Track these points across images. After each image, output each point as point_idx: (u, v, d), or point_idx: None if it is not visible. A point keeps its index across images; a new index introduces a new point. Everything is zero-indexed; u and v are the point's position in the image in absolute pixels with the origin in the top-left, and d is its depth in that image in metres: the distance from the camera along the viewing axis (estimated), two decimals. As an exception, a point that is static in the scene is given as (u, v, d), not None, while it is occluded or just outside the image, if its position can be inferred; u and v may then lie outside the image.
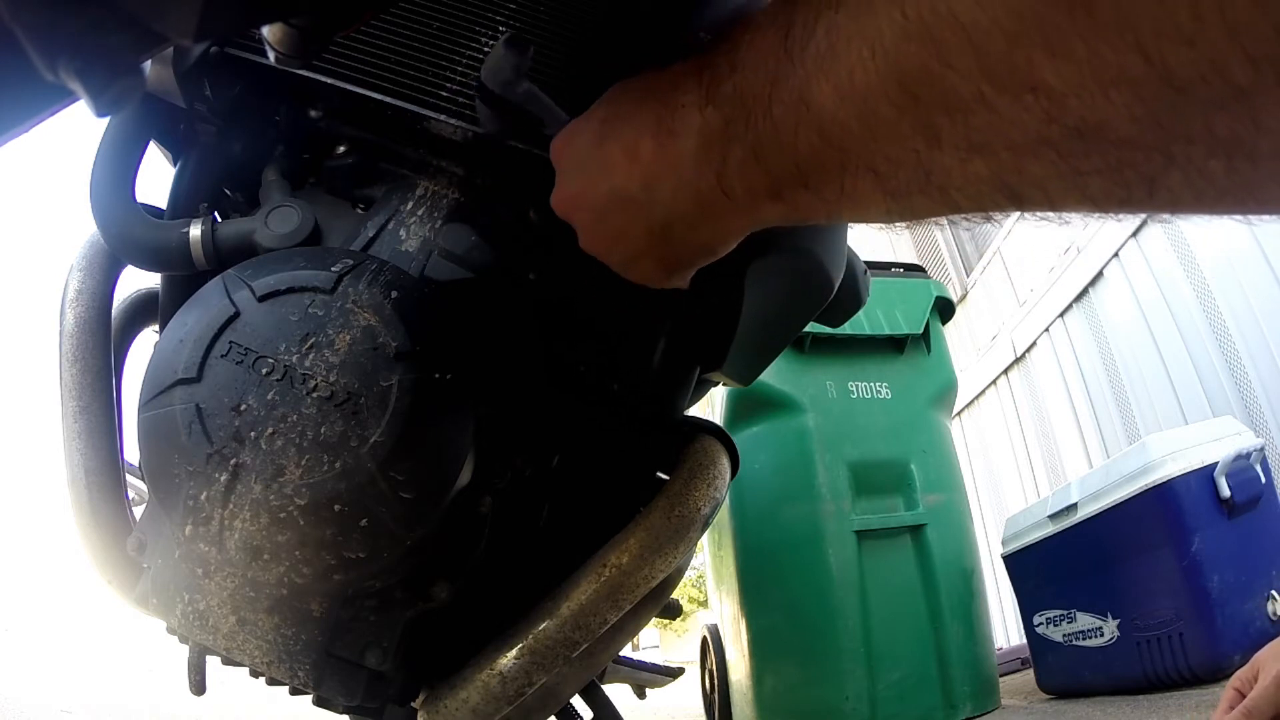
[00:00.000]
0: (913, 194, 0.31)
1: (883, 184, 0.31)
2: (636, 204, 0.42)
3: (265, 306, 0.48)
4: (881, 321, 2.19)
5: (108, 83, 0.25)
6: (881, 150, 0.30)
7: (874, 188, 0.32)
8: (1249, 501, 1.76)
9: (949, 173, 0.28)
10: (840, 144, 0.31)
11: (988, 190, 0.28)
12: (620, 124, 0.42)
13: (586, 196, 0.45)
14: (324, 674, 0.48)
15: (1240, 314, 2.63)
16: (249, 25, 0.41)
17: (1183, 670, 1.68)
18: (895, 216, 0.34)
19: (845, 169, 0.32)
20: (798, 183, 0.35)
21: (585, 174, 0.44)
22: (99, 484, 0.61)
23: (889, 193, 0.31)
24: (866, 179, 0.32)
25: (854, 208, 0.34)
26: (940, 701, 1.91)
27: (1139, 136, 0.23)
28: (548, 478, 0.58)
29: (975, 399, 4.49)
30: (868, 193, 0.32)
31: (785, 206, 0.37)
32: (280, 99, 0.60)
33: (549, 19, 0.58)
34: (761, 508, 2.09)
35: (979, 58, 0.24)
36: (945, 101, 0.26)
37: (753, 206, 0.38)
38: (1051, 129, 0.25)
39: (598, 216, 0.45)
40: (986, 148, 0.27)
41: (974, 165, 0.27)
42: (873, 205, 0.33)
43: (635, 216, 0.43)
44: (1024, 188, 0.27)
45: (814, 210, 0.36)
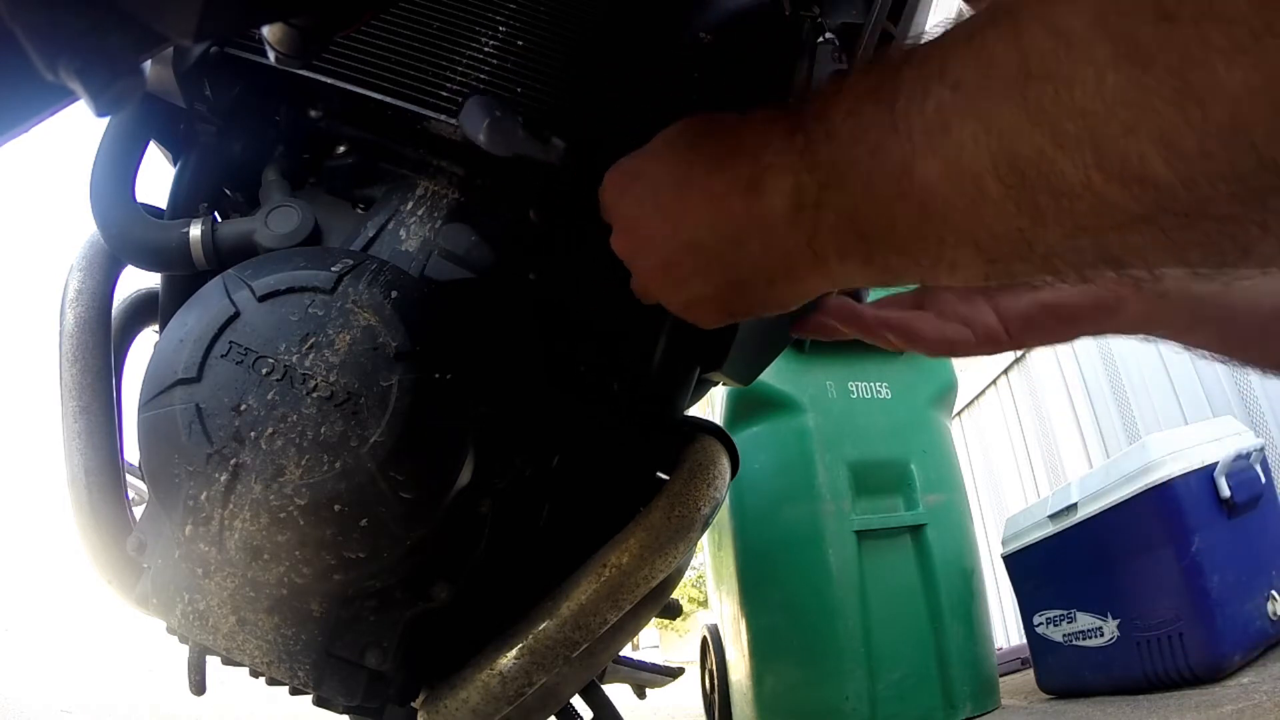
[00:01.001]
0: (1013, 261, 0.31)
1: (983, 254, 0.32)
2: (716, 257, 0.42)
3: (265, 306, 0.48)
4: (881, 321, 2.19)
5: (108, 83, 0.25)
6: (985, 225, 0.31)
7: (974, 258, 0.32)
8: (1249, 501, 1.76)
9: (1052, 246, 0.29)
10: (943, 217, 0.32)
11: (1090, 260, 0.29)
12: (703, 173, 0.42)
13: (657, 243, 0.44)
14: (324, 674, 0.48)
15: (1240, 314, 2.63)
16: (249, 25, 0.41)
17: (1183, 670, 1.68)
18: (993, 280, 0.34)
19: (944, 242, 0.33)
20: (892, 249, 0.35)
21: (657, 220, 0.44)
22: (99, 484, 0.61)
23: (988, 260, 0.32)
24: (967, 250, 0.32)
25: (950, 274, 0.34)
26: (940, 701, 1.91)
27: (1241, 214, 0.24)
28: (548, 478, 0.58)
29: (975, 399, 4.49)
30: (968, 262, 0.33)
31: (876, 270, 0.37)
32: (280, 99, 0.60)
33: (549, 19, 0.58)
34: (761, 508, 2.09)
35: (1094, 146, 0.25)
36: (1052, 185, 0.27)
37: (842, 270, 0.38)
38: (1158, 216, 0.26)
39: (666, 263, 0.45)
40: (1092, 229, 0.27)
41: (1078, 241, 0.28)
42: (970, 271, 0.33)
43: (712, 268, 0.43)
44: (1126, 257, 0.28)
45: (905, 274, 0.37)
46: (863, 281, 0.39)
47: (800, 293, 0.43)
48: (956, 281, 0.36)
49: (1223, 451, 1.77)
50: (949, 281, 0.36)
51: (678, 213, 0.43)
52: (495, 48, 0.57)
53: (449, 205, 0.59)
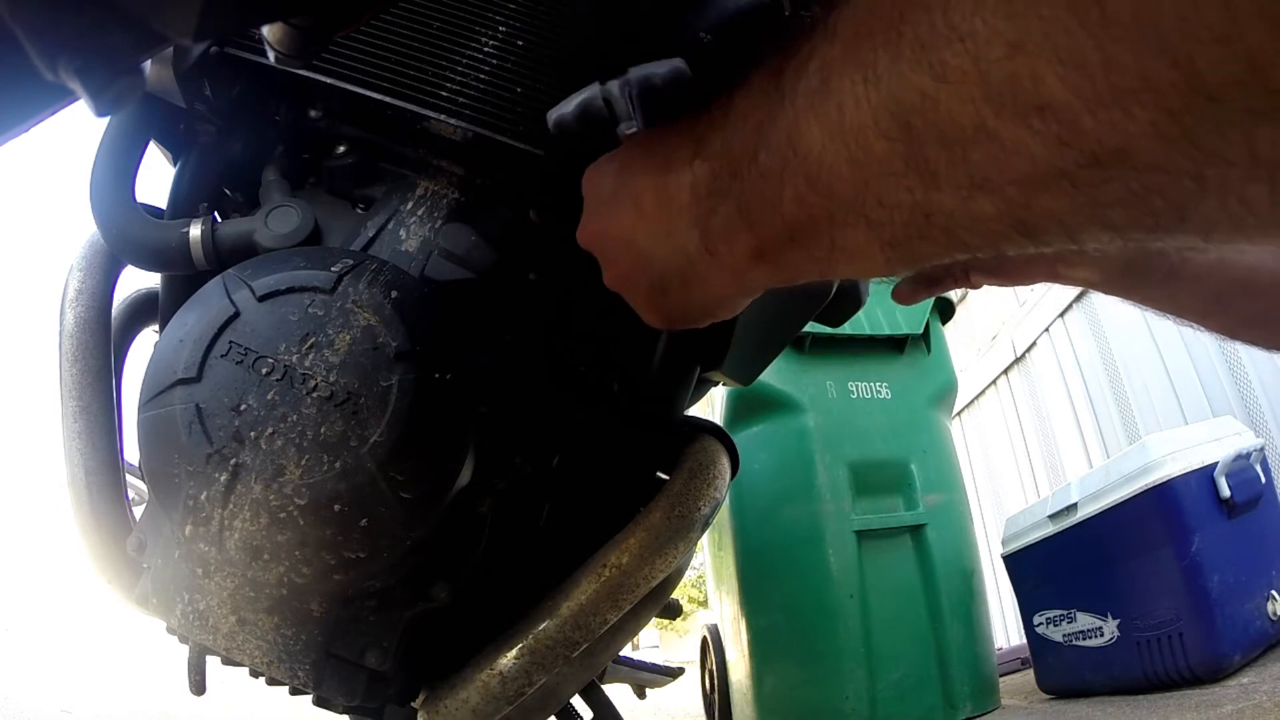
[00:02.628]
0: (912, 240, 0.28)
1: (877, 233, 0.29)
2: (644, 255, 0.41)
3: (265, 306, 0.48)
4: (881, 321, 2.19)
5: (108, 82, 0.25)
6: (873, 193, 0.28)
7: (868, 238, 0.29)
8: (1249, 501, 1.76)
9: (951, 214, 0.26)
10: (829, 189, 0.29)
11: (997, 229, 0.25)
12: (631, 173, 0.42)
13: (604, 237, 0.44)
14: (324, 674, 0.48)
15: (1240, 314, 2.63)
16: (249, 25, 0.41)
17: (1183, 670, 1.68)
18: (898, 266, 0.31)
19: (834, 220, 0.30)
20: (784, 239, 0.33)
21: (602, 216, 0.44)
22: (99, 484, 0.61)
23: (885, 242, 0.29)
24: (858, 229, 0.29)
25: (848, 262, 0.32)
26: (940, 701, 1.91)
27: (1167, 160, 0.20)
28: (548, 478, 0.58)
29: (975, 399, 4.49)
30: (861, 245, 0.30)
31: (770, 267, 0.35)
32: (280, 99, 0.60)
33: (548, 19, 0.58)
34: (761, 508, 2.09)
35: (980, 76, 0.22)
36: (941, 132, 0.24)
37: (737, 268, 0.36)
38: (1065, 157, 0.22)
39: (611, 259, 0.44)
40: (990, 184, 0.24)
41: (978, 204, 0.25)
42: (868, 257, 0.31)
43: (641, 267, 0.42)
44: (1037, 223, 0.24)
45: (803, 269, 0.34)
46: (766, 281, 0.37)
47: (713, 297, 0.40)
48: (857, 272, 0.33)
49: (1223, 451, 1.77)
50: (849, 274, 0.33)
51: (614, 209, 0.42)
52: (495, 48, 0.57)
53: (449, 205, 0.59)
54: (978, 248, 0.27)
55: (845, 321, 0.77)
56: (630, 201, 0.41)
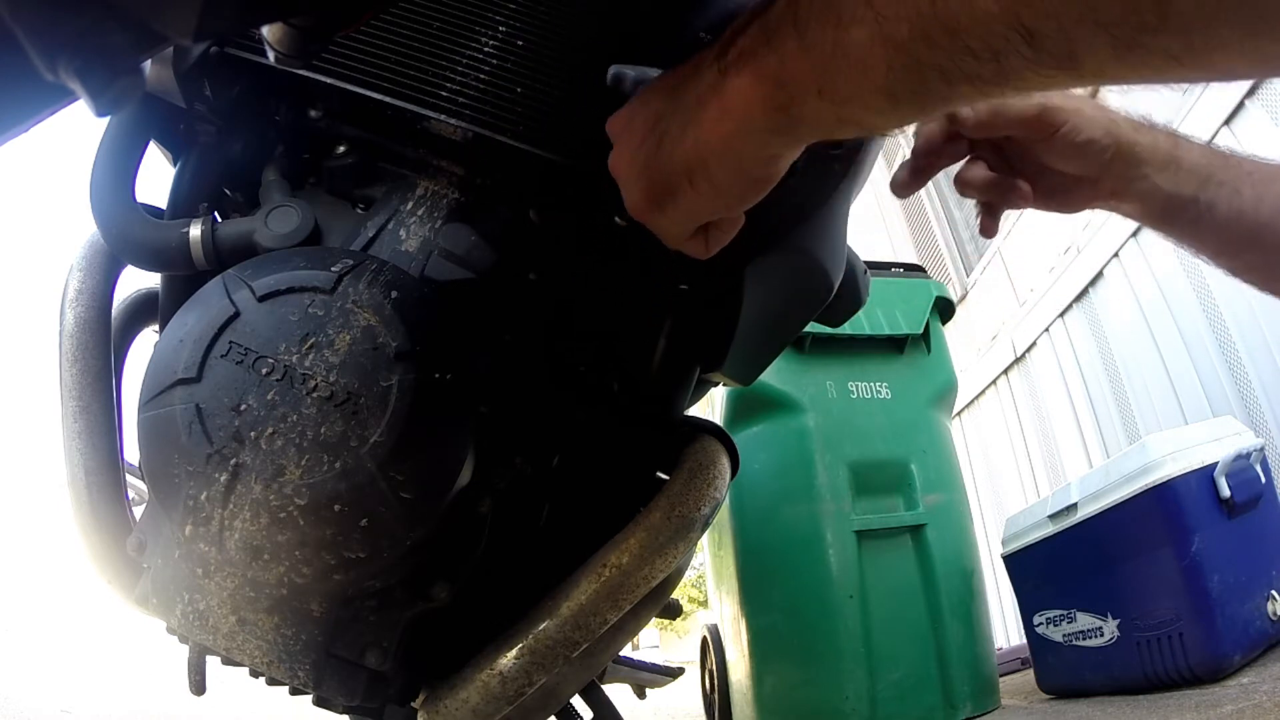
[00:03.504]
0: (917, 43, 0.29)
1: (883, 29, 0.30)
2: (651, 112, 0.42)
3: (265, 306, 0.48)
4: (881, 321, 2.19)
5: (108, 82, 0.25)
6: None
7: (872, 38, 0.30)
8: (1249, 501, 1.76)
9: (956, 12, 0.27)
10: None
11: (1000, 30, 0.27)
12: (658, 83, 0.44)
13: (629, 118, 0.45)
14: (324, 674, 0.48)
15: (1240, 314, 2.63)
16: (249, 25, 0.41)
17: (1183, 670, 1.68)
18: (901, 86, 0.31)
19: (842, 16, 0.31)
20: (794, 49, 0.33)
21: (637, 116, 0.45)
22: (99, 484, 0.61)
23: (891, 43, 0.30)
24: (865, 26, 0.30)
25: (848, 73, 0.32)
26: (940, 701, 1.91)
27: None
28: (548, 478, 0.58)
29: (975, 399, 4.49)
30: (865, 47, 0.30)
31: (772, 89, 0.35)
32: (280, 99, 0.60)
33: (548, 19, 0.58)
34: (761, 508, 2.09)
35: None
36: None
37: (743, 98, 0.36)
38: None
39: (623, 131, 0.45)
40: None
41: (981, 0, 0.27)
42: (870, 70, 0.31)
43: (645, 121, 0.42)
44: (1036, 21, 0.26)
45: (803, 91, 0.34)
46: (764, 121, 0.36)
47: (708, 138, 0.39)
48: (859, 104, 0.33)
49: (1223, 451, 1.77)
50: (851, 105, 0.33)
51: (648, 100, 0.43)
52: (495, 48, 0.57)
53: (449, 205, 0.59)
54: (979, 56, 0.28)
55: (845, 321, 0.77)
56: (665, 82, 0.43)
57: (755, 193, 0.42)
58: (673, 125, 0.40)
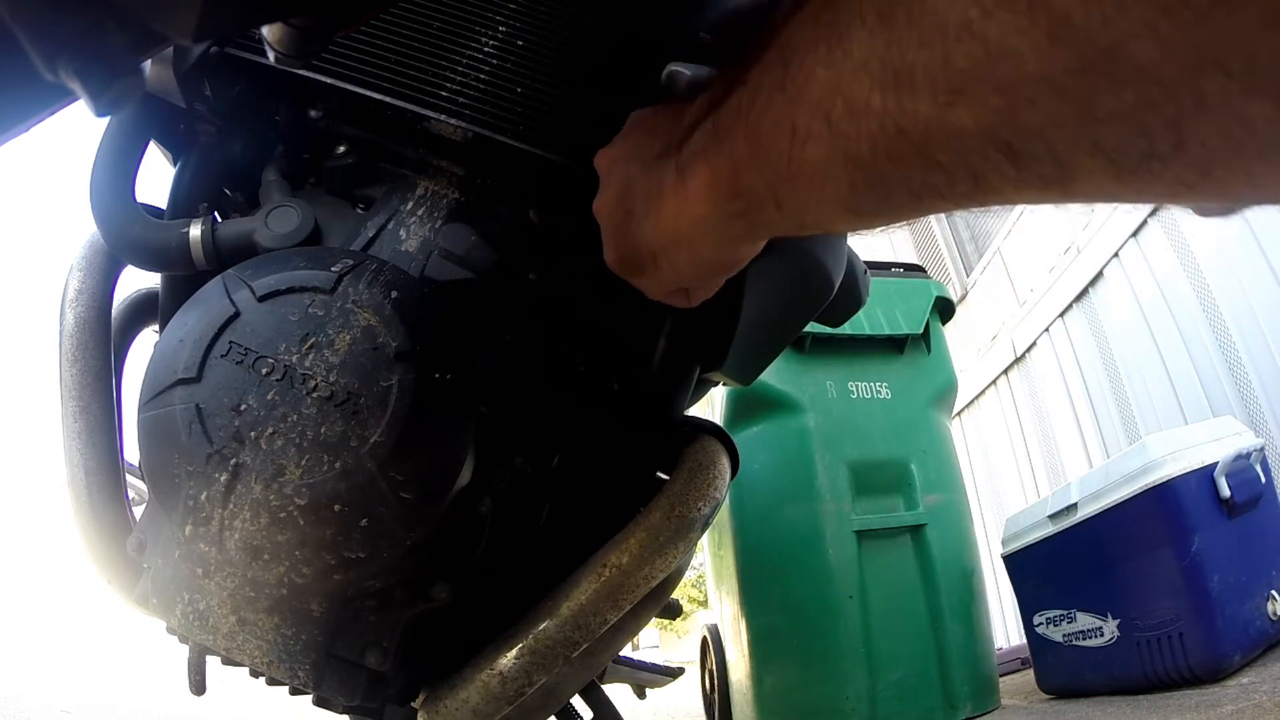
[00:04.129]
0: (879, 159, 0.26)
1: (842, 146, 0.27)
2: (625, 178, 0.42)
3: (265, 306, 0.48)
4: (881, 321, 2.19)
5: (108, 83, 0.25)
6: (843, 95, 0.26)
7: (830, 153, 0.27)
8: (1249, 501, 1.76)
9: (927, 128, 0.24)
10: (798, 92, 0.28)
11: (976, 147, 0.23)
12: (641, 124, 0.44)
13: (610, 163, 0.45)
14: (324, 674, 0.48)
15: (1240, 314, 2.63)
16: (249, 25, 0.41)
17: (1183, 670, 1.68)
18: (863, 196, 0.28)
19: (796, 130, 0.28)
20: (747, 154, 0.32)
21: (610, 169, 0.45)
22: (99, 484, 0.61)
23: (850, 159, 0.27)
24: (821, 142, 0.27)
25: (808, 184, 0.29)
26: (940, 701, 1.91)
27: (1163, 65, 0.19)
28: (548, 478, 0.58)
29: (975, 399, 4.49)
30: (823, 161, 0.28)
31: (726, 192, 0.34)
32: (280, 99, 0.60)
33: (548, 19, 0.58)
34: (761, 508, 2.09)
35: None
36: (922, 31, 0.23)
37: (695, 192, 0.35)
38: (1053, 60, 0.20)
39: (605, 182, 0.45)
40: (971, 91, 0.22)
41: (957, 115, 0.23)
42: (829, 179, 0.28)
43: (622, 187, 0.43)
44: (1022, 142, 0.22)
45: (757, 195, 0.32)
46: (717, 214, 0.35)
47: (665, 226, 0.38)
48: (818, 209, 0.30)
49: (1223, 451, 1.77)
50: (810, 209, 0.31)
51: (626, 154, 0.44)
52: (495, 48, 0.57)
53: (449, 205, 0.59)
54: (953, 174, 0.25)
55: (845, 321, 0.77)
56: (634, 140, 0.43)
57: (721, 275, 0.43)
58: (638, 204, 0.40)
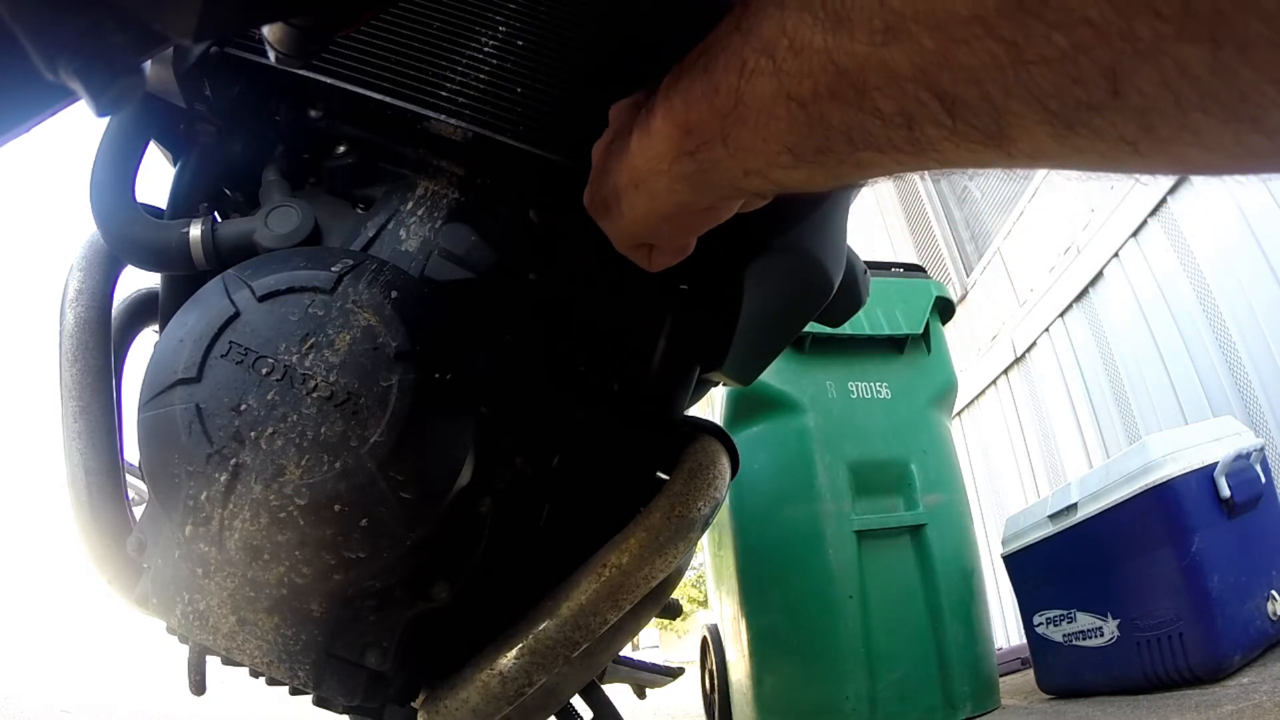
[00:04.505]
0: (821, 99, 0.26)
1: (785, 84, 0.27)
2: (604, 147, 0.43)
3: (265, 306, 0.48)
4: (881, 321, 2.19)
5: (108, 83, 0.25)
6: (787, 33, 0.26)
7: (776, 91, 0.28)
8: (1249, 501, 1.76)
9: (863, 67, 0.24)
10: (748, 29, 0.29)
11: (912, 90, 0.23)
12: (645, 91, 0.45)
13: (615, 113, 0.45)
14: (324, 674, 0.48)
15: (1240, 314, 2.63)
16: (249, 25, 0.41)
17: (1183, 670, 1.68)
18: (806, 140, 0.28)
19: (745, 66, 0.29)
20: (700, 94, 0.32)
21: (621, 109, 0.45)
22: (99, 484, 0.61)
23: (794, 98, 0.27)
24: (767, 77, 0.28)
25: (754, 125, 0.30)
26: (940, 701, 1.91)
27: (1091, 6, 0.18)
28: (548, 478, 0.58)
29: (975, 399, 4.49)
30: (769, 99, 0.28)
31: (680, 133, 0.34)
32: (280, 99, 0.60)
33: (548, 19, 0.58)
34: (761, 508, 2.09)
35: None
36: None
37: (655, 136, 0.36)
38: (983, 2, 0.20)
39: (613, 118, 0.45)
40: (904, 29, 0.22)
41: (892, 55, 0.23)
42: (774, 119, 0.29)
43: (601, 155, 0.44)
44: (957, 86, 0.22)
45: (708, 137, 0.33)
46: (672, 157, 0.36)
47: (628, 171, 0.39)
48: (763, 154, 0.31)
49: (1223, 451, 1.77)
50: (754, 153, 0.31)
51: (633, 103, 0.44)
52: (495, 48, 0.57)
53: (449, 205, 0.59)
54: (888, 121, 0.25)
55: (845, 321, 0.77)
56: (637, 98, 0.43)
57: (672, 234, 0.42)
58: (618, 144, 0.41)
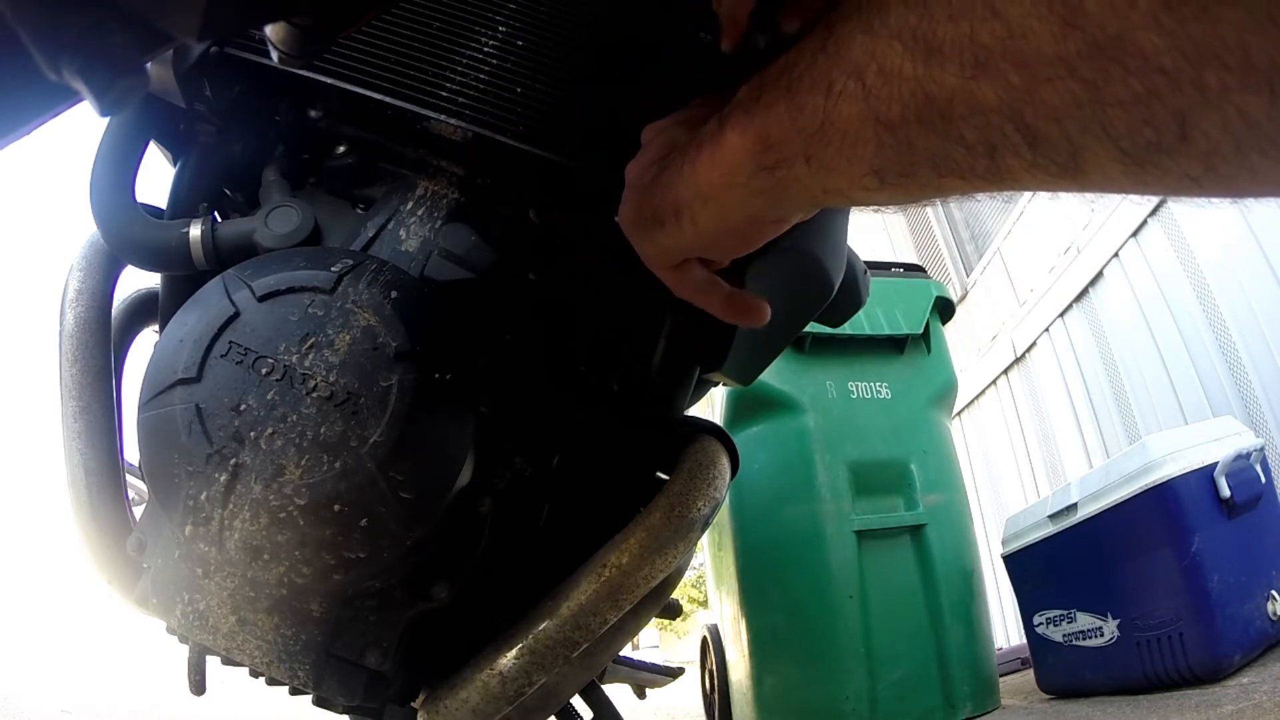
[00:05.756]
0: (909, 124, 0.28)
1: (874, 107, 0.28)
2: (652, 158, 0.43)
3: (265, 306, 0.48)
4: (881, 321, 2.19)
5: (110, 83, 0.25)
6: (877, 59, 0.28)
7: (864, 114, 0.29)
8: (1249, 501, 1.76)
9: (952, 97, 0.26)
10: (836, 51, 0.29)
11: (997, 122, 0.25)
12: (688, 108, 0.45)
13: (655, 132, 0.45)
14: (324, 674, 0.48)
15: (1240, 314, 2.64)
16: (251, 24, 0.41)
17: (1183, 670, 1.68)
18: (890, 164, 0.30)
19: (832, 88, 0.30)
20: (783, 114, 0.33)
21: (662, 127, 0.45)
22: (99, 484, 0.61)
23: (881, 121, 0.28)
24: (855, 101, 0.29)
25: (839, 146, 0.31)
26: (940, 701, 1.91)
27: (1166, 56, 0.20)
28: (548, 478, 0.58)
29: (975, 399, 4.49)
30: (856, 121, 0.29)
31: (760, 148, 0.34)
32: (280, 99, 0.60)
33: (548, 19, 0.58)
34: (761, 508, 2.09)
35: None
36: (952, 8, 0.25)
37: (730, 149, 0.36)
38: (1067, 44, 0.22)
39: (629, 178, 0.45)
40: (993, 66, 0.24)
41: (980, 89, 0.25)
42: (860, 141, 0.30)
43: (647, 165, 0.43)
44: (1039, 122, 0.24)
45: (790, 156, 0.33)
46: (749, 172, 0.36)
47: (696, 183, 0.39)
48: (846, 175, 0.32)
49: (1223, 451, 1.77)
50: (839, 174, 0.32)
51: (677, 122, 0.44)
52: (495, 48, 0.57)
53: (449, 205, 0.59)
54: (973, 149, 0.27)
55: (845, 321, 0.77)
56: (686, 112, 0.44)
57: (736, 245, 0.42)
58: (675, 159, 0.40)
